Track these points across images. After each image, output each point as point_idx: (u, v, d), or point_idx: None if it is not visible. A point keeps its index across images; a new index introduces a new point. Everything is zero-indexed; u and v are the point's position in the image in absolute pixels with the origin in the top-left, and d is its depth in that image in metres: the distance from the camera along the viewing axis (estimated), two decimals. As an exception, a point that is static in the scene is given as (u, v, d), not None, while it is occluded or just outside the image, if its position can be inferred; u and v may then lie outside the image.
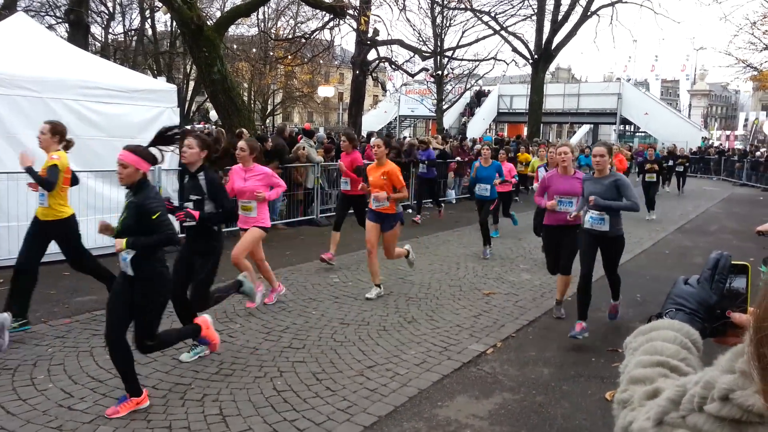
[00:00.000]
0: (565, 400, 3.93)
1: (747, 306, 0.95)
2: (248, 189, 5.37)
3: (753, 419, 0.61)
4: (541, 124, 26.72)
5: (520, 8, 23.17)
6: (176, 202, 4.49)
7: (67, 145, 5.10)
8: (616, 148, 13.39)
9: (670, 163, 17.71)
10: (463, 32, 24.17)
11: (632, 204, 5.04)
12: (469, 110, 33.23)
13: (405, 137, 26.08)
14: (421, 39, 24.38)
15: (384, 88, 32.40)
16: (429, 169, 12.33)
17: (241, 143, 5.53)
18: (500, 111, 34.45)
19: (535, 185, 7.40)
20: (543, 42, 22.93)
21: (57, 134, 4.99)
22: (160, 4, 13.29)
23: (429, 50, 23.97)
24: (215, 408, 3.62)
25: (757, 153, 26.12)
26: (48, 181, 4.79)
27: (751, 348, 0.49)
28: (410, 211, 12.84)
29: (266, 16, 28.58)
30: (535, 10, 23.13)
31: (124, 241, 3.42)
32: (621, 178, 5.11)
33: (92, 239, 7.21)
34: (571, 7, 22.26)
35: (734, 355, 0.66)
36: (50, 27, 20.74)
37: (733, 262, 0.98)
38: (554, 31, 22.69)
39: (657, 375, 0.88)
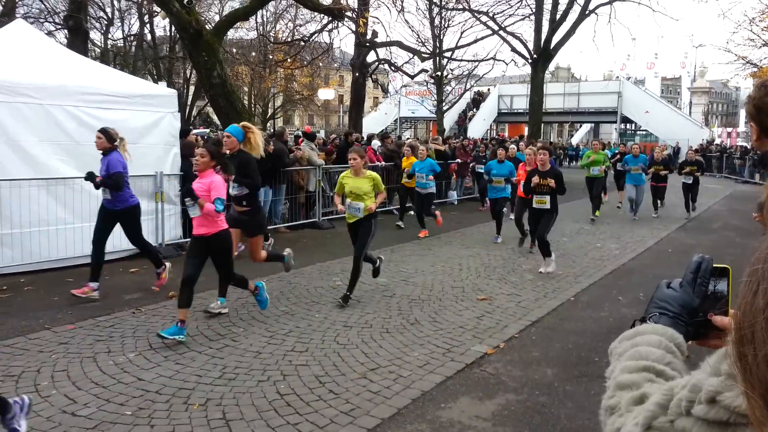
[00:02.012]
0: (569, 400, 3.93)
1: (728, 308, 0.95)
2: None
3: (740, 421, 0.60)
4: (542, 124, 26.72)
5: (518, 8, 23.19)
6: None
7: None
8: (530, 151, 8.51)
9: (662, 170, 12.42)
10: (462, 33, 24.18)
11: None
12: (463, 117, 33.10)
13: (408, 138, 26.10)
14: (419, 40, 24.39)
15: (384, 90, 32.44)
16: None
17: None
18: (501, 111, 34.46)
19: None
20: (542, 41, 22.93)
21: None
22: (158, 9, 13.32)
23: (428, 51, 23.97)
24: (218, 412, 3.63)
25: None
26: None
27: (733, 348, 0.50)
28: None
29: (265, 19, 28.64)
30: (533, 10, 23.13)
31: None
32: None
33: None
34: (569, 5, 22.26)
35: (720, 358, 0.66)
36: (49, 33, 20.80)
37: (714, 265, 0.98)
38: (553, 30, 22.70)
39: (643, 380, 0.88)
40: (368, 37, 20.13)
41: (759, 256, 0.49)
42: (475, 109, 34.23)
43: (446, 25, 24.80)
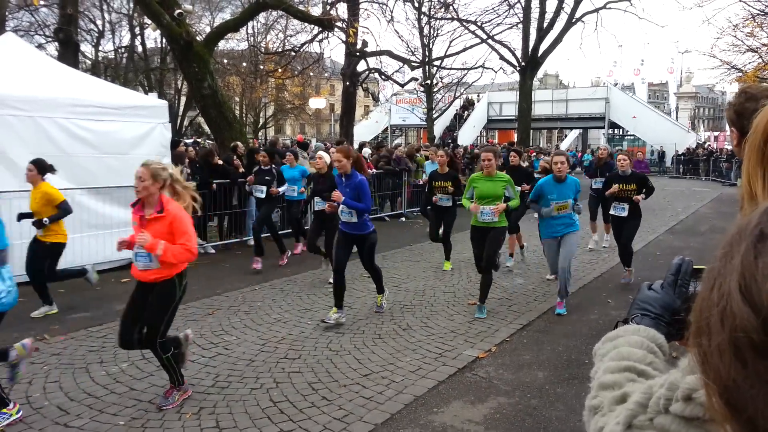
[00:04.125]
0: (560, 402, 3.97)
1: None
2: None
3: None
4: (531, 130, 26.92)
5: (506, 17, 23.42)
6: None
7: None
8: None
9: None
10: (451, 42, 24.35)
11: None
12: (447, 132, 33.06)
13: (399, 145, 26.17)
14: (409, 49, 24.54)
15: (375, 99, 32.53)
16: None
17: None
18: (490, 118, 34.67)
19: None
20: (530, 49, 23.17)
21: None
22: (149, 21, 13.37)
23: (417, 60, 24.13)
24: (212, 420, 3.64)
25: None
26: None
27: (692, 340, 0.53)
28: (403, 219, 12.94)
29: (255, 30, 28.73)
30: (521, 19, 23.38)
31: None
32: None
33: (86, 255, 7.22)
34: (556, 14, 22.53)
35: None
36: (40, 46, 20.77)
37: (695, 267, 1.01)
38: (540, 38, 22.94)
39: (625, 380, 0.90)
40: (358, 46, 20.24)
41: (717, 255, 0.52)
42: (467, 111, 34.34)
43: (435, 35, 24.99)
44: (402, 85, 26.16)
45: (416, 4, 23.53)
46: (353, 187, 5.49)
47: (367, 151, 14.91)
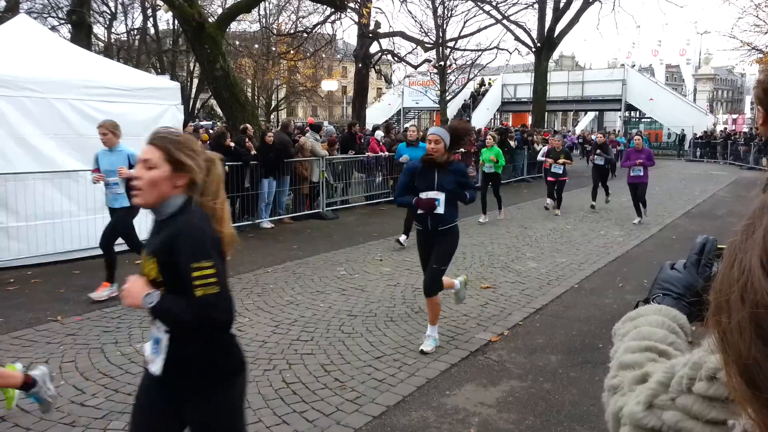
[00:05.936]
0: (573, 386, 3.95)
1: None
2: None
3: None
4: (546, 113, 26.59)
5: (522, -4, 23.01)
6: None
7: None
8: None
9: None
10: (465, 22, 24.03)
11: None
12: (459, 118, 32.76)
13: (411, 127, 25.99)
14: (422, 30, 24.25)
15: (387, 81, 32.29)
16: None
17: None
18: (504, 100, 34.31)
19: None
20: (545, 30, 22.79)
21: None
22: (161, 3, 13.32)
23: (431, 41, 23.85)
24: (226, 401, 3.66)
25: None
26: None
27: (711, 318, 0.51)
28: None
29: (267, 11, 28.54)
30: (537, -2, 22.98)
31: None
32: None
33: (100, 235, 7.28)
34: (574, -6, 22.09)
35: None
36: (53, 28, 20.86)
37: (719, 246, 0.98)
38: (556, 18, 22.54)
39: (646, 360, 0.88)
40: (371, 27, 20.06)
41: (738, 229, 0.50)
42: (476, 100, 33.97)
43: (449, 15, 24.64)
44: (415, 67, 25.88)
45: (430, -16, 23.20)
46: None
47: (379, 134, 14.82)
